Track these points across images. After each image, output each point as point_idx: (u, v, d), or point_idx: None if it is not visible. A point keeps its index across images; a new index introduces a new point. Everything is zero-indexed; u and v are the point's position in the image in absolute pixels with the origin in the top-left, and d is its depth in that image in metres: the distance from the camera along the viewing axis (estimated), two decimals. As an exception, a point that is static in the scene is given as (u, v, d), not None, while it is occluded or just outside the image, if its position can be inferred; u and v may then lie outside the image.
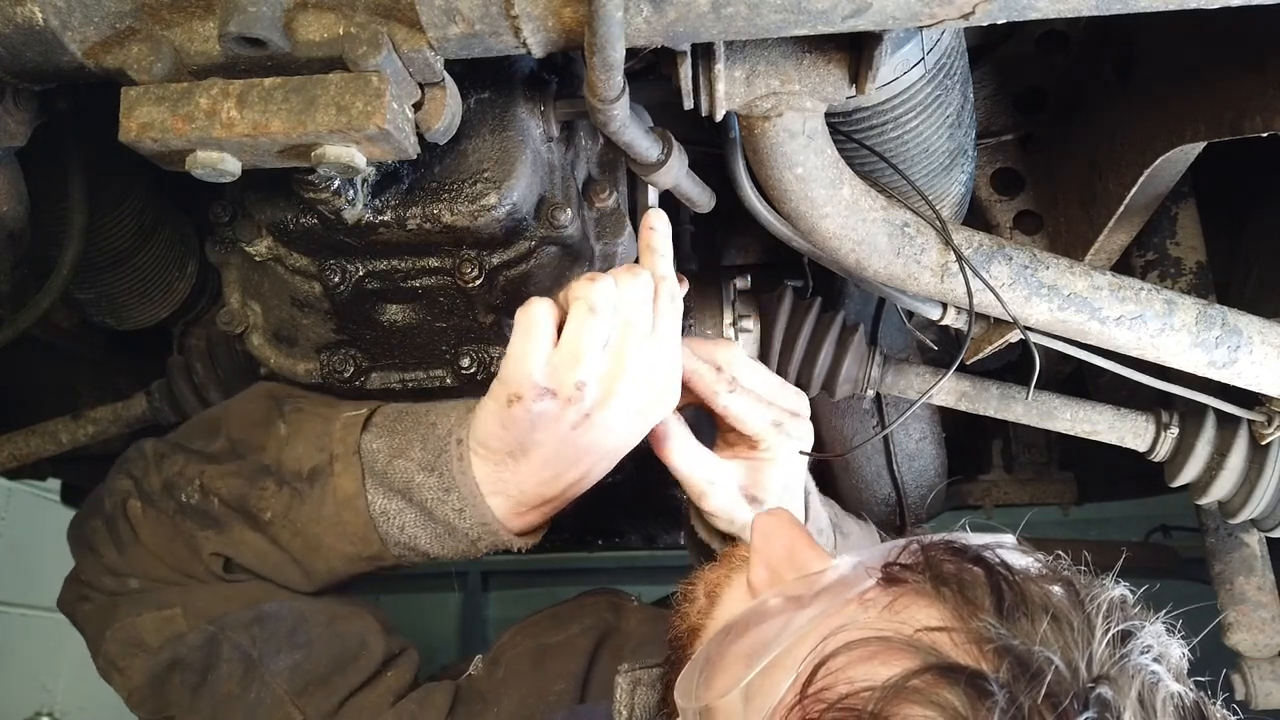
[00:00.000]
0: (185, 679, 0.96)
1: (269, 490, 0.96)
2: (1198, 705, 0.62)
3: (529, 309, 0.88)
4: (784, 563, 0.77)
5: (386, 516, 0.95)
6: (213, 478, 0.98)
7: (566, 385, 0.87)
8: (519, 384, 0.88)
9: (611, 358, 0.89)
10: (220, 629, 0.96)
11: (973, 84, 1.07)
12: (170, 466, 1.00)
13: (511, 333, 0.89)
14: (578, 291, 0.88)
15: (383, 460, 0.96)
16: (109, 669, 1.00)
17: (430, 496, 0.94)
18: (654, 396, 0.93)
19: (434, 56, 0.77)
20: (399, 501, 0.95)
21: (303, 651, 0.97)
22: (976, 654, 0.59)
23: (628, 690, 0.91)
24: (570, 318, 0.88)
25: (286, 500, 0.96)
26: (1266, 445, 1.25)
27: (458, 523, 0.95)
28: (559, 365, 0.87)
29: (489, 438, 0.92)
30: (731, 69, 0.85)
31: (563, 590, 1.63)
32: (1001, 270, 1.02)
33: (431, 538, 0.96)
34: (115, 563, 1.00)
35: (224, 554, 0.97)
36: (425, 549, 0.97)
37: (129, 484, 1.01)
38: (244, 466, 0.99)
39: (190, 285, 1.37)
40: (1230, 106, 0.90)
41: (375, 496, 0.95)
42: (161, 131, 0.74)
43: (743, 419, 1.00)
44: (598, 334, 0.87)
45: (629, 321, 0.89)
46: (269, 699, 0.95)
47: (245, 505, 0.96)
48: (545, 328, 0.88)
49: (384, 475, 0.95)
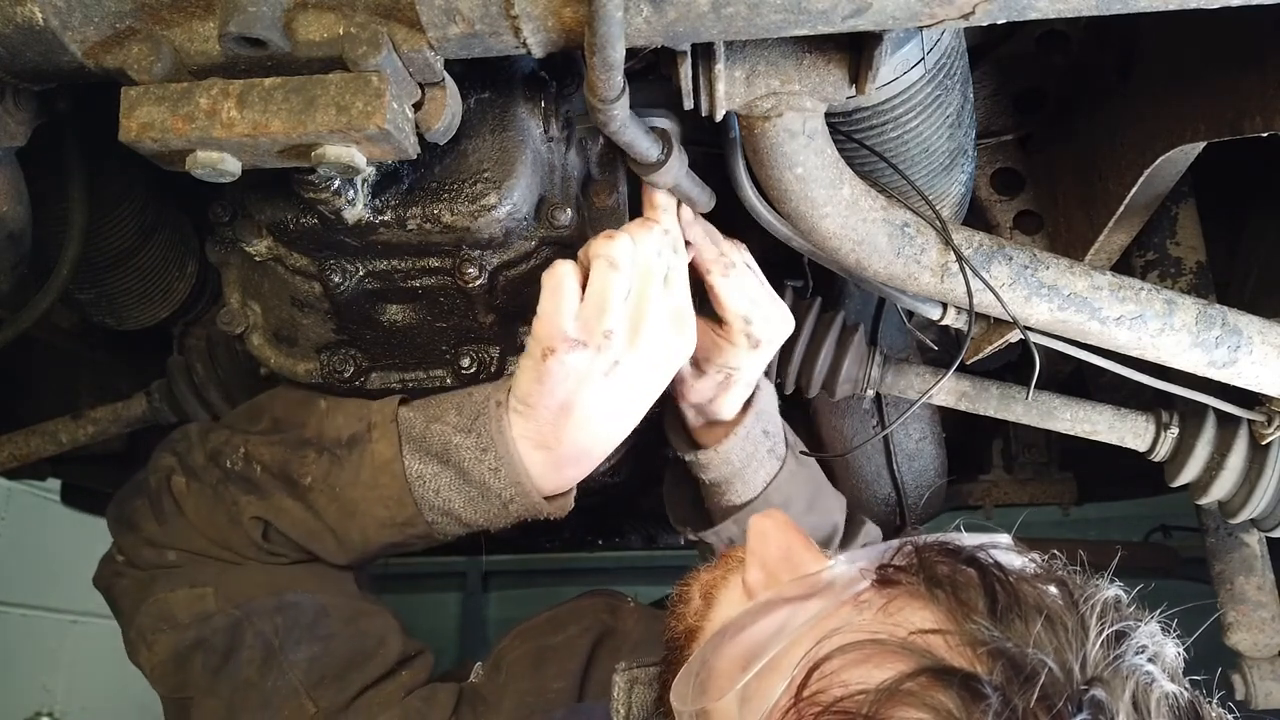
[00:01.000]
0: (207, 661, 0.98)
1: (309, 458, 1.00)
2: (1193, 705, 0.62)
3: (554, 270, 0.94)
4: (780, 564, 0.77)
5: (422, 480, 0.98)
6: (257, 445, 1.02)
7: (596, 334, 0.93)
8: (551, 337, 0.93)
9: (633, 307, 0.95)
10: (246, 614, 0.99)
11: (973, 84, 1.07)
12: (216, 438, 1.05)
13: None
14: (598, 249, 0.93)
15: (420, 426, 0.99)
16: (138, 642, 1.02)
17: (467, 456, 0.97)
18: (674, 339, 0.98)
19: (434, 56, 0.77)
20: (435, 465, 0.98)
21: (322, 644, 1.00)
22: (970, 656, 0.60)
23: (625, 689, 0.92)
24: (593, 273, 0.93)
25: (326, 466, 0.99)
26: (1266, 445, 1.25)
27: (492, 482, 0.97)
28: (587, 317, 0.93)
29: (528, 394, 0.96)
30: (731, 69, 0.85)
31: (563, 590, 1.63)
32: (1001, 270, 1.02)
33: (465, 500, 0.99)
34: (155, 535, 1.03)
35: (263, 518, 1.00)
36: (459, 513, 1.00)
37: (173, 460, 1.05)
38: (287, 438, 1.03)
39: (190, 285, 1.37)
40: (1230, 106, 0.90)
41: (412, 460, 0.98)
42: (161, 131, 0.74)
43: (723, 301, 1.07)
44: (620, 286, 0.93)
45: (646, 272, 0.95)
46: (284, 688, 0.97)
47: (287, 471, 1.00)
48: (571, 286, 0.93)
49: (421, 439, 0.99)
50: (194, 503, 1.02)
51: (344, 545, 1.02)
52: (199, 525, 1.02)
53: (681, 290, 0.99)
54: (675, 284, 0.98)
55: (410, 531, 1.01)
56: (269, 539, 1.02)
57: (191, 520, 1.02)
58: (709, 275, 1.06)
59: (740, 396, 1.14)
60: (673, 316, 0.98)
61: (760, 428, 1.17)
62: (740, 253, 1.09)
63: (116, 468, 1.70)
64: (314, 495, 0.99)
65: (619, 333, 0.94)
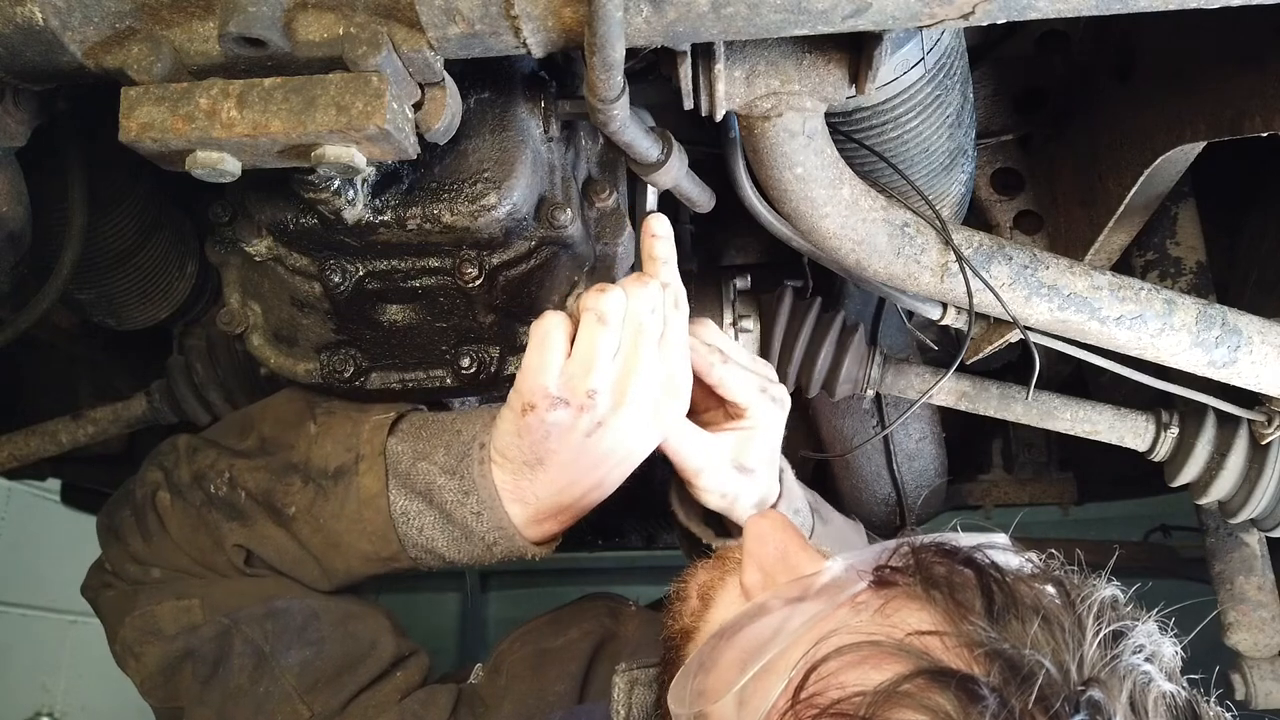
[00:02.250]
0: (196, 670, 0.98)
1: (295, 486, 0.99)
2: (1190, 704, 0.62)
3: (542, 322, 0.91)
4: (777, 565, 0.77)
5: (406, 517, 0.97)
6: (242, 471, 1.01)
7: (579, 393, 0.90)
8: (532, 393, 0.90)
9: (622, 366, 0.91)
10: (234, 622, 0.98)
11: (973, 84, 1.07)
12: (202, 459, 1.03)
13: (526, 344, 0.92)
14: (588, 303, 0.90)
15: (406, 462, 0.98)
16: (125, 655, 1.02)
17: (450, 499, 0.96)
18: (665, 401, 0.95)
19: (434, 56, 0.77)
20: (419, 503, 0.97)
21: (314, 648, 0.99)
22: (968, 657, 0.60)
23: (625, 690, 0.91)
24: (581, 328, 0.90)
25: (311, 496, 0.98)
26: (1266, 445, 1.24)
27: (475, 526, 0.96)
28: (572, 375, 0.90)
29: (506, 447, 0.94)
30: (731, 69, 0.85)
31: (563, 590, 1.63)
32: (1001, 270, 1.02)
33: (449, 541, 0.98)
34: (140, 552, 1.03)
35: (246, 546, 1.00)
36: (442, 552, 0.99)
37: (159, 475, 1.04)
38: (273, 462, 1.02)
39: (190, 285, 1.37)
40: (1230, 106, 0.90)
41: (397, 497, 0.97)
42: (161, 132, 0.74)
43: (735, 388, 1.02)
44: (608, 343, 0.90)
45: (639, 329, 0.91)
46: (277, 694, 0.96)
47: (271, 500, 0.99)
48: (558, 339, 0.90)
49: (407, 476, 0.97)
50: (178, 522, 1.01)
51: (328, 574, 1.01)
52: (182, 544, 1.01)
53: (678, 352, 0.95)
54: (672, 345, 0.94)
55: (394, 565, 1.00)
56: (251, 564, 1.01)
57: (175, 539, 1.01)
58: (710, 372, 1.01)
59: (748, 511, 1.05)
60: (665, 377, 0.94)
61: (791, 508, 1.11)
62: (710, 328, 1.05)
63: (116, 468, 1.70)
64: (298, 525, 0.98)
65: (604, 393, 0.90)
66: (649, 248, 0.96)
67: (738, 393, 1.02)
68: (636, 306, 0.91)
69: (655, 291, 0.93)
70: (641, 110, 0.96)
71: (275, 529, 0.99)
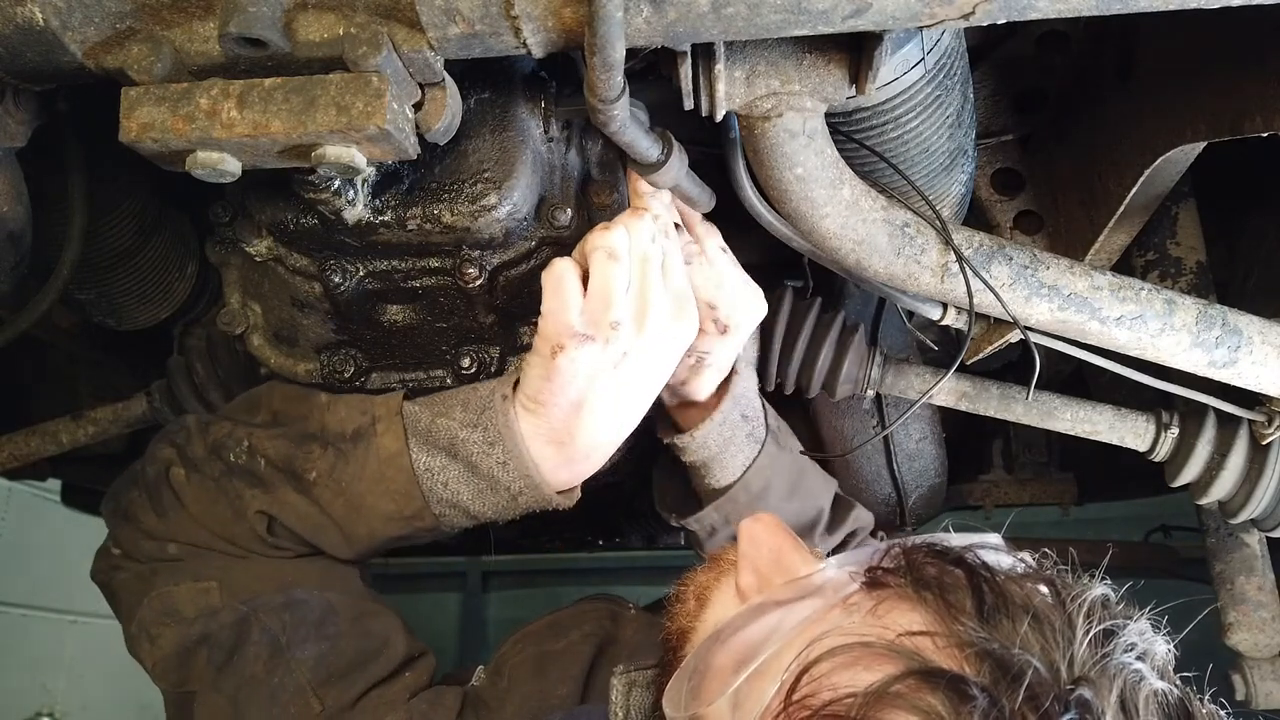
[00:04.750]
0: (212, 656, 0.98)
1: (314, 453, 1.00)
2: (1182, 702, 0.62)
3: (554, 267, 0.94)
4: (771, 567, 0.78)
5: (430, 473, 0.98)
6: (260, 439, 1.02)
7: (603, 327, 0.94)
8: (559, 334, 0.93)
9: (636, 296, 0.96)
10: (253, 610, 0.99)
11: (973, 84, 1.07)
12: (218, 430, 1.04)
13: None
14: (595, 242, 0.94)
15: (425, 420, 0.99)
16: (140, 636, 1.02)
17: (475, 450, 0.97)
18: (677, 325, 0.99)
19: (434, 57, 0.77)
20: (443, 458, 0.98)
21: (329, 643, 1.00)
22: (958, 658, 0.60)
23: (623, 691, 0.92)
24: (594, 267, 0.94)
25: (331, 460, 0.99)
26: (1267, 445, 1.24)
27: (501, 475, 0.98)
28: (593, 310, 0.94)
29: (538, 392, 0.96)
30: (731, 69, 0.85)
31: (563, 590, 1.63)
32: (1001, 270, 1.02)
33: (474, 493, 0.99)
34: (155, 528, 1.02)
35: (269, 512, 1.00)
36: (466, 505, 1.00)
37: (171, 452, 1.04)
38: (290, 431, 1.02)
39: (190, 286, 1.37)
40: (1230, 106, 0.90)
41: (419, 453, 0.98)
42: (162, 132, 0.74)
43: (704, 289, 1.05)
44: (622, 277, 0.94)
45: (644, 259, 0.96)
46: (291, 685, 0.97)
47: (292, 466, 0.99)
48: (573, 281, 0.94)
49: (427, 433, 0.99)
50: (195, 495, 1.01)
51: (350, 539, 1.02)
52: (200, 518, 1.01)
53: (679, 274, 1.00)
54: (672, 269, 0.99)
55: (417, 524, 1.01)
56: (273, 533, 1.01)
57: (192, 513, 1.01)
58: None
59: (712, 380, 1.12)
60: (674, 301, 0.98)
61: (738, 412, 1.16)
62: (712, 237, 1.08)
63: (117, 468, 1.70)
64: (319, 490, 0.99)
65: (625, 323, 0.94)
66: (633, 184, 1.00)
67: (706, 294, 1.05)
68: (638, 239, 0.96)
69: (649, 223, 0.97)
70: (641, 110, 0.96)
71: (296, 495, 0.99)
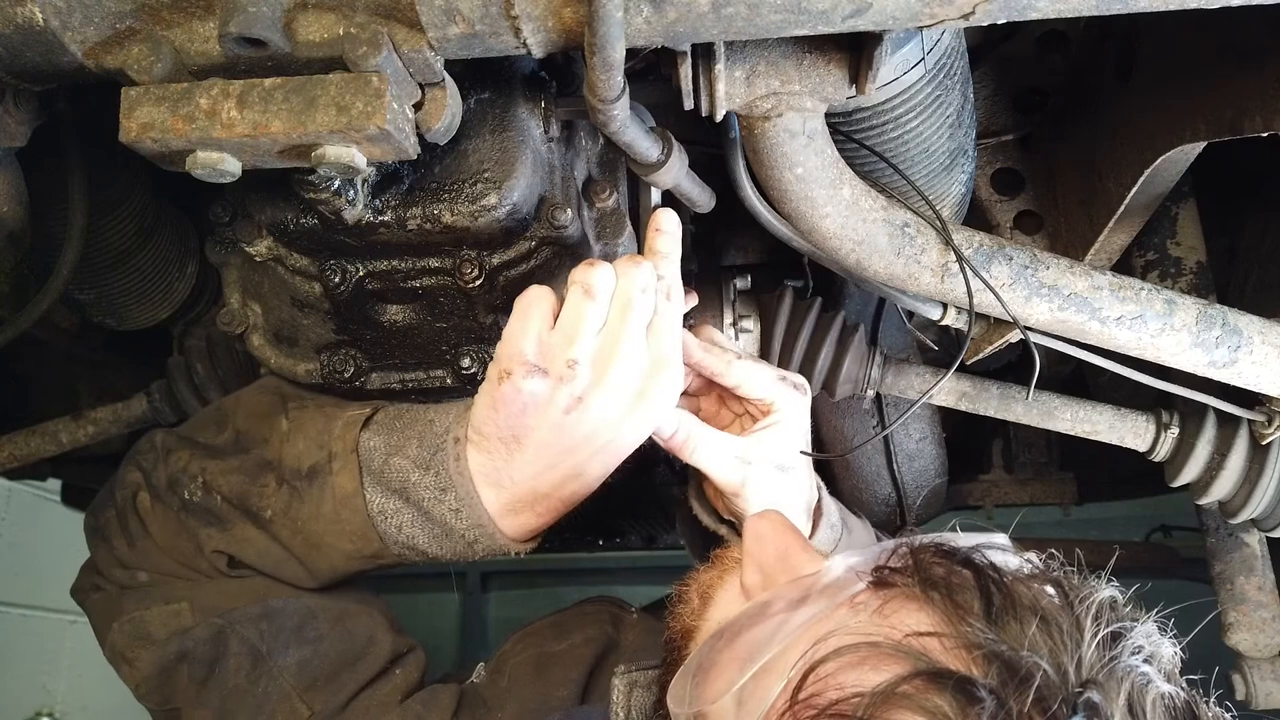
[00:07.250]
0: (192, 672, 0.97)
1: (269, 488, 0.97)
2: (1189, 705, 0.62)
3: (527, 294, 0.90)
4: (776, 565, 0.77)
5: (384, 515, 0.96)
6: (215, 475, 0.99)
7: (558, 363, 0.88)
8: (510, 359, 0.88)
9: (605, 341, 0.89)
10: (228, 623, 0.97)
11: (973, 84, 1.07)
12: (175, 462, 1.01)
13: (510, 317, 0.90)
14: (575, 276, 0.89)
15: (379, 459, 0.96)
16: (116, 659, 1.01)
17: (427, 496, 0.94)
18: (650, 388, 0.91)
19: (434, 57, 0.77)
20: (396, 501, 0.95)
21: (311, 647, 0.98)
22: (965, 659, 0.59)
23: (624, 692, 0.91)
24: (567, 300, 0.89)
25: (286, 499, 0.96)
26: (1267, 445, 1.24)
27: (454, 523, 0.95)
28: (552, 344, 0.88)
29: (482, 422, 0.92)
30: (731, 69, 0.85)
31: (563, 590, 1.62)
32: (1001, 270, 1.02)
33: (429, 538, 0.97)
34: (126, 556, 1.01)
35: (227, 551, 0.98)
36: (424, 549, 0.98)
37: (139, 476, 1.03)
38: (246, 462, 1.00)
39: (190, 286, 1.37)
40: (1230, 106, 0.90)
41: (373, 495, 0.95)
42: (162, 132, 0.74)
43: (756, 383, 1.01)
44: (592, 317, 0.88)
45: (626, 306, 0.89)
46: (276, 693, 0.95)
47: (246, 503, 0.97)
48: (541, 310, 0.89)
49: (380, 474, 0.95)
50: (159, 525, 1.00)
51: (313, 574, 1.00)
52: (166, 548, 1.00)
53: (667, 338, 0.92)
54: (661, 331, 0.92)
55: (379, 562, 0.99)
56: (234, 567, 1.00)
57: (158, 542, 1.00)
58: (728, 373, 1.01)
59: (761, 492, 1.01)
60: (652, 360, 0.91)
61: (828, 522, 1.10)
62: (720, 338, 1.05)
63: (116, 468, 1.70)
64: (276, 527, 0.97)
65: (583, 364, 0.87)
66: (652, 241, 0.95)
67: (761, 387, 1.01)
68: (627, 285, 0.89)
69: (647, 272, 0.91)
70: (641, 110, 0.96)
71: (254, 531, 0.97)
